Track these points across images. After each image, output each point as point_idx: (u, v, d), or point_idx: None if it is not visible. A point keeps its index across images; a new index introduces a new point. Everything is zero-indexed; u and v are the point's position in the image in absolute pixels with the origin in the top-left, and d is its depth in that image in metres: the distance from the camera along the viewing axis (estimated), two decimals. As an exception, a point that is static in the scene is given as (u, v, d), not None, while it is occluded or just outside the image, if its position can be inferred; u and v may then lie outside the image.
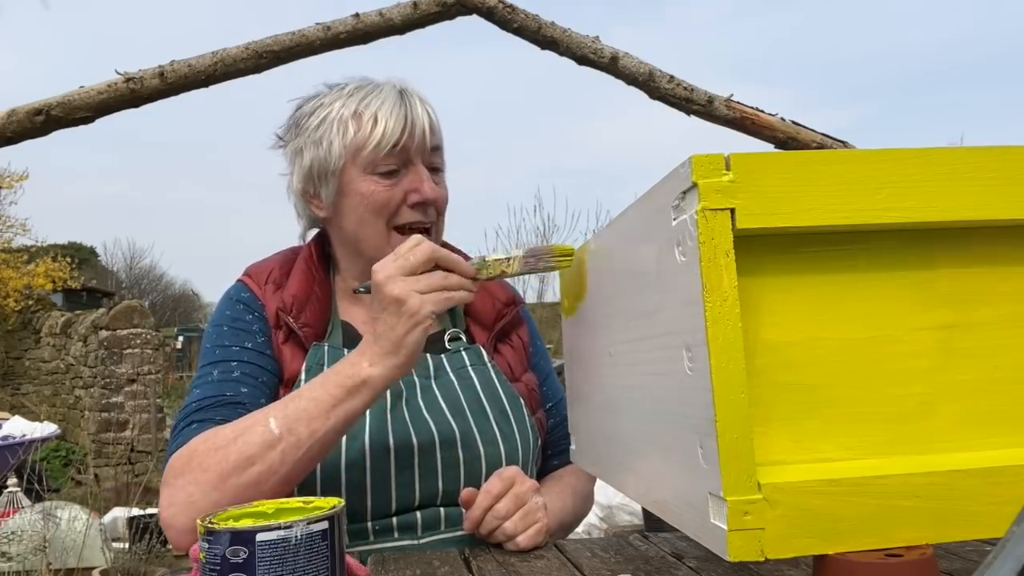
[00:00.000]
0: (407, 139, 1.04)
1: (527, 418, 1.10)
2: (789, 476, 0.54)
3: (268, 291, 1.08)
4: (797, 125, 2.48)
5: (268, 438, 0.85)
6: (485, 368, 1.11)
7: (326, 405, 0.85)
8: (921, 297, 0.60)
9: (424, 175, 1.06)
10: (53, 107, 2.21)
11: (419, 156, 1.06)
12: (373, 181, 1.05)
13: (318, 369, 1.02)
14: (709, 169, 0.55)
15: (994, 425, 0.60)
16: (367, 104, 1.05)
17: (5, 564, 3.65)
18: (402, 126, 1.04)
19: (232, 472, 0.84)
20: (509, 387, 1.10)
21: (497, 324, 1.15)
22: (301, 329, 1.04)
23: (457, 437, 1.02)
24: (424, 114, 1.06)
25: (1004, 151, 0.59)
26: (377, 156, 1.04)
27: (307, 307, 1.06)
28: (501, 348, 1.15)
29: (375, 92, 1.06)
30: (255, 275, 1.10)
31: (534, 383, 1.16)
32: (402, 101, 1.06)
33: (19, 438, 5.01)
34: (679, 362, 0.58)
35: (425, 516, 1.00)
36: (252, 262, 1.14)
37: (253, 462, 0.84)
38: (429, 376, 1.08)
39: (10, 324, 9.89)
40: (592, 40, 2.41)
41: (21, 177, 12.19)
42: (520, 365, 1.16)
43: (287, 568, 0.57)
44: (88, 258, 22.18)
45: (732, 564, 0.65)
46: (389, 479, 0.98)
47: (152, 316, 8.34)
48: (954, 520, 0.56)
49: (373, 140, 1.03)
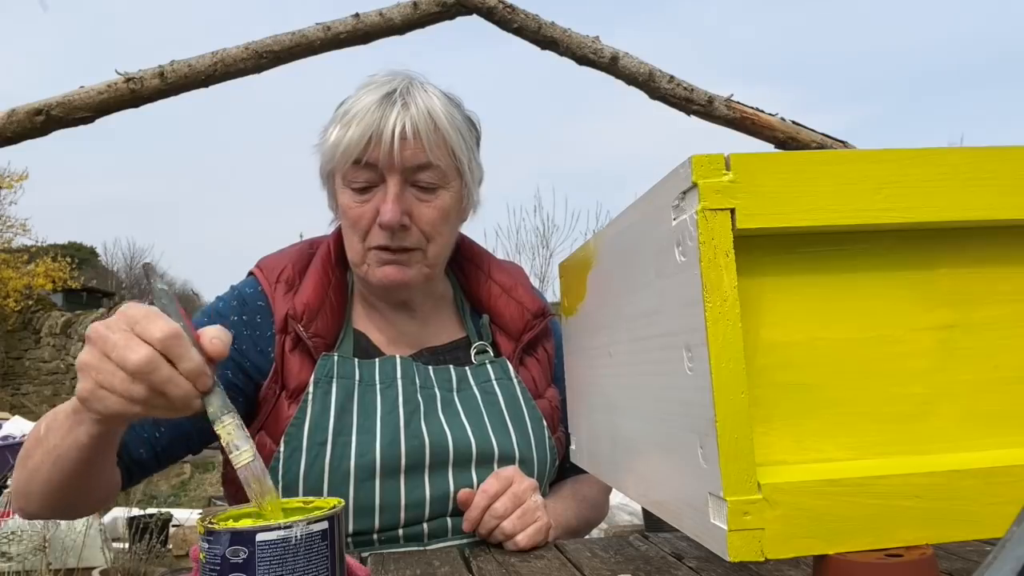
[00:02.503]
0: (372, 151, 0.95)
1: (547, 439, 1.07)
2: (789, 476, 0.54)
3: (279, 291, 1.01)
4: (797, 125, 2.49)
5: (31, 439, 0.85)
6: (510, 383, 1.06)
7: (64, 425, 0.77)
8: (921, 297, 0.60)
9: (391, 194, 0.96)
10: (53, 107, 2.22)
11: (391, 170, 0.96)
12: (348, 194, 0.99)
13: (328, 381, 0.98)
14: (709, 169, 0.55)
15: (994, 425, 0.60)
16: (354, 104, 0.98)
17: (5, 564, 3.65)
18: (367, 136, 0.95)
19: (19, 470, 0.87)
20: (533, 404, 1.07)
21: (525, 336, 1.10)
22: (311, 339, 0.98)
23: (474, 455, 0.99)
24: (402, 122, 0.94)
25: (1004, 151, 0.59)
26: (345, 166, 0.97)
27: (319, 316, 0.99)
28: (527, 361, 1.11)
29: (369, 92, 0.99)
30: (267, 270, 1.04)
31: (556, 399, 1.12)
32: (380, 106, 0.96)
33: (19, 438, 5.02)
34: (679, 362, 0.58)
35: (432, 526, 0.98)
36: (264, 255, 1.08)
37: (25, 460, 0.86)
38: (452, 389, 1.04)
39: (10, 324, 9.90)
40: (592, 40, 2.41)
41: (21, 177, 12.22)
42: (544, 379, 1.12)
43: (287, 568, 0.57)
44: (88, 258, 22.18)
45: (732, 564, 0.65)
46: (399, 500, 0.95)
47: (152, 316, 8.32)
48: (954, 520, 0.56)
49: (340, 148, 0.96)
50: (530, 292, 1.13)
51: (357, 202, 0.99)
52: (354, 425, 0.96)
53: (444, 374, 1.04)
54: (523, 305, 1.10)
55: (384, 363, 1.02)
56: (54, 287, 12.12)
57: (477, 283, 1.13)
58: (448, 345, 1.09)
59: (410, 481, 0.96)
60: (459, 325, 1.13)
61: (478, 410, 1.03)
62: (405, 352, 1.06)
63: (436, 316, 1.11)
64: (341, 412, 0.97)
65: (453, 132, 1.00)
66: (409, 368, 1.02)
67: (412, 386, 1.01)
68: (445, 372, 1.05)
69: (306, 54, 2.33)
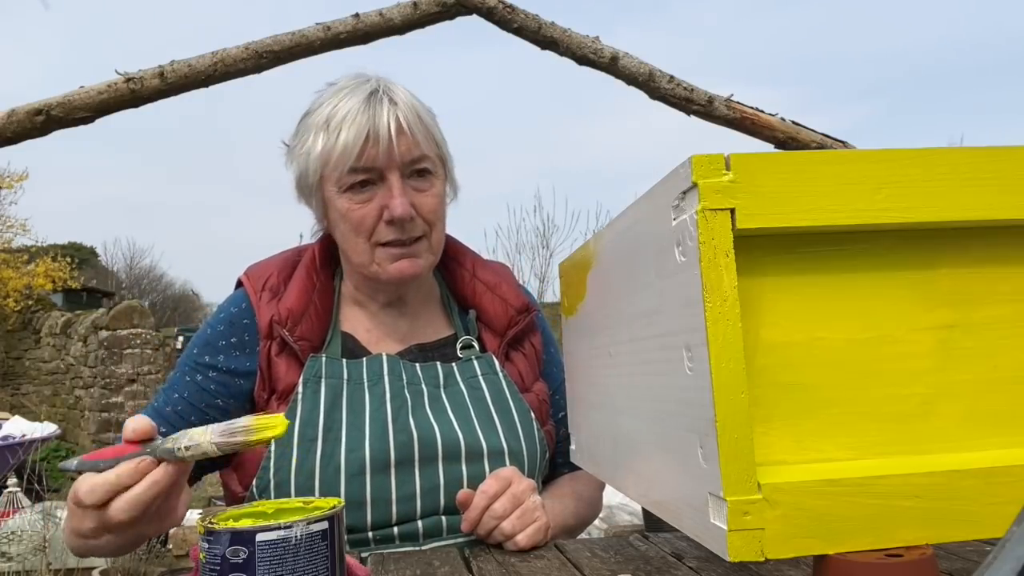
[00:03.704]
0: (370, 150, 0.97)
1: (536, 431, 1.08)
2: (789, 476, 0.54)
3: (263, 299, 1.04)
4: (797, 125, 2.49)
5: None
6: (496, 378, 1.08)
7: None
8: (921, 297, 0.60)
9: (396, 188, 0.99)
10: (53, 107, 2.21)
11: (390, 166, 0.99)
12: (346, 198, 1.00)
13: (316, 381, 1.00)
14: (709, 169, 0.55)
15: (994, 425, 0.60)
16: (336, 110, 0.99)
17: (5, 564, 3.65)
18: (363, 137, 0.96)
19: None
20: (520, 398, 1.08)
21: (509, 331, 1.12)
22: (297, 343, 1.01)
23: (462, 450, 1.00)
24: (391, 119, 0.97)
25: (1004, 151, 0.59)
26: (342, 171, 0.98)
27: (303, 320, 1.02)
28: (513, 356, 1.13)
29: (349, 95, 1.00)
30: (253, 278, 1.07)
31: (545, 393, 1.14)
32: (367, 107, 0.98)
33: (19, 438, 5.02)
34: (679, 362, 0.58)
35: (427, 524, 0.98)
36: (253, 262, 1.11)
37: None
38: (439, 385, 1.05)
39: (10, 324, 9.90)
40: (592, 40, 2.41)
41: (21, 177, 12.21)
42: (532, 374, 1.14)
43: (287, 568, 0.57)
44: (88, 258, 22.18)
45: (732, 564, 0.65)
46: (390, 495, 0.97)
47: (152, 316, 8.35)
48: (954, 520, 0.56)
49: (335, 153, 0.98)
50: (515, 289, 1.15)
51: (358, 203, 1.00)
52: (343, 422, 0.98)
53: (431, 371, 1.06)
54: (507, 302, 1.12)
55: (371, 362, 1.04)
56: (54, 287, 12.11)
57: (462, 281, 1.15)
58: (437, 342, 1.11)
59: (400, 475, 0.98)
60: (447, 322, 1.14)
61: (465, 405, 1.05)
62: (394, 349, 1.08)
63: (425, 312, 1.13)
64: (330, 409, 0.99)
65: (432, 122, 1.04)
66: (396, 365, 1.04)
67: (399, 383, 1.03)
68: (432, 369, 1.06)
69: (306, 54, 2.33)
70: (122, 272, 25.46)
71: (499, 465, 1.01)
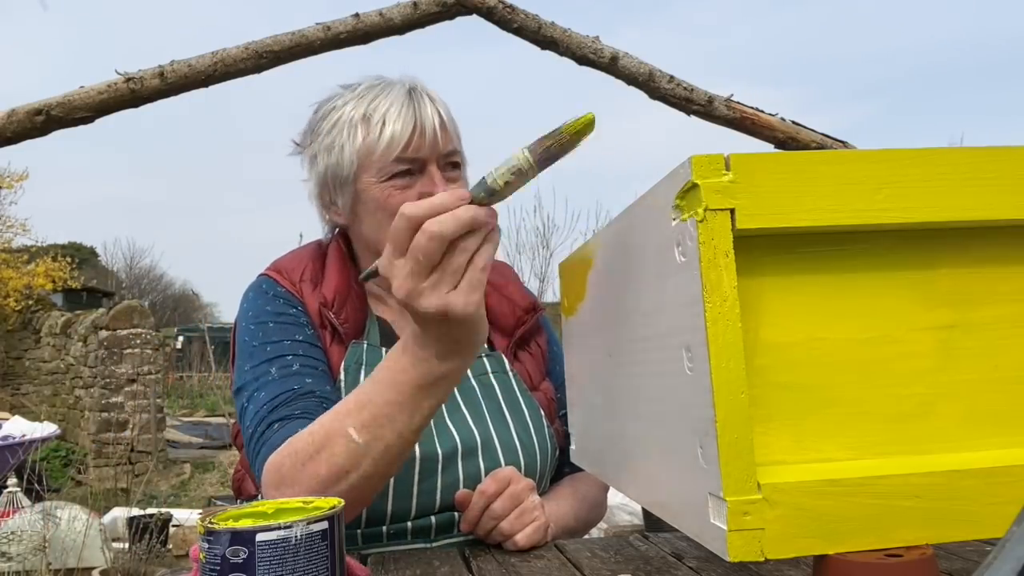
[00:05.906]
0: (417, 141, 1.01)
1: (546, 428, 1.09)
2: (789, 476, 0.54)
3: (305, 289, 1.05)
4: (797, 125, 2.48)
5: (353, 448, 0.80)
6: (506, 376, 1.10)
7: (407, 407, 0.79)
8: (921, 297, 0.60)
9: (437, 178, 1.03)
10: (53, 107, 2.21)
11: (432, 158, 1.03)
12: (386, 186, 1.02)
13: (356, 369, 1.01)
14: (709, 169, 0.55)
15: (994, 425, 0.60)
16: (375, 106, 1.03)
17: (5, 564, 3.65)
18: (411, 129, 1.01)
19: (328, 485, 0.81)
20: (529, 396, 1.10)
21: (517, 331, 1.14)
22: (342, 325, 1.02)
23: (479, 446, 1.02)
24: (434, 114, 1.03)
25: (1004, 151, 0.59)
26: (387, 160, 1.01)
27: (347, 303, 1.04)
28: (521, 355, 1.14)
29: (384, 93, 1.04)
30: (286, 272, 1.07)
31: (551, 391, 1.15)
32: (410, 102, 1.03)
33: (19, 438, 5.01)
34: (679, 362, 0.58)
35: (440, 520, 0.99)
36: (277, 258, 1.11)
37: (348, 471, 0.81)
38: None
39: (10, 324, 9.89)
40: (592, 40, 2.41)
41: (21, 177, 12.21)
42: (538, 373, 1.15)
43: (287, 568, 0.57)
44: (88, 258, 22.19)
45: (732, 564, 0.65)
46: (412, 487, 0.98)
47: (152, 316, 8.34)
48: (954, 520, 0.56)
49: (382, 144, 1.01)
50: (521, 289, 1.17)
51: (399, 189, 1.02)
52: None
53: None
54: (514, 302, 1.14)
55: None
56: (54, 287, 12.10)
57: None
58: None
59: (423, 470, 0.98)
60: None
61: (477, 402, 1.06)
62: None
63: None
64: None
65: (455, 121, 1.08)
66: None
67: None
68: None
69: (306, 54, 2.33)
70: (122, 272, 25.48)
71: (513, 461, 1.02)
